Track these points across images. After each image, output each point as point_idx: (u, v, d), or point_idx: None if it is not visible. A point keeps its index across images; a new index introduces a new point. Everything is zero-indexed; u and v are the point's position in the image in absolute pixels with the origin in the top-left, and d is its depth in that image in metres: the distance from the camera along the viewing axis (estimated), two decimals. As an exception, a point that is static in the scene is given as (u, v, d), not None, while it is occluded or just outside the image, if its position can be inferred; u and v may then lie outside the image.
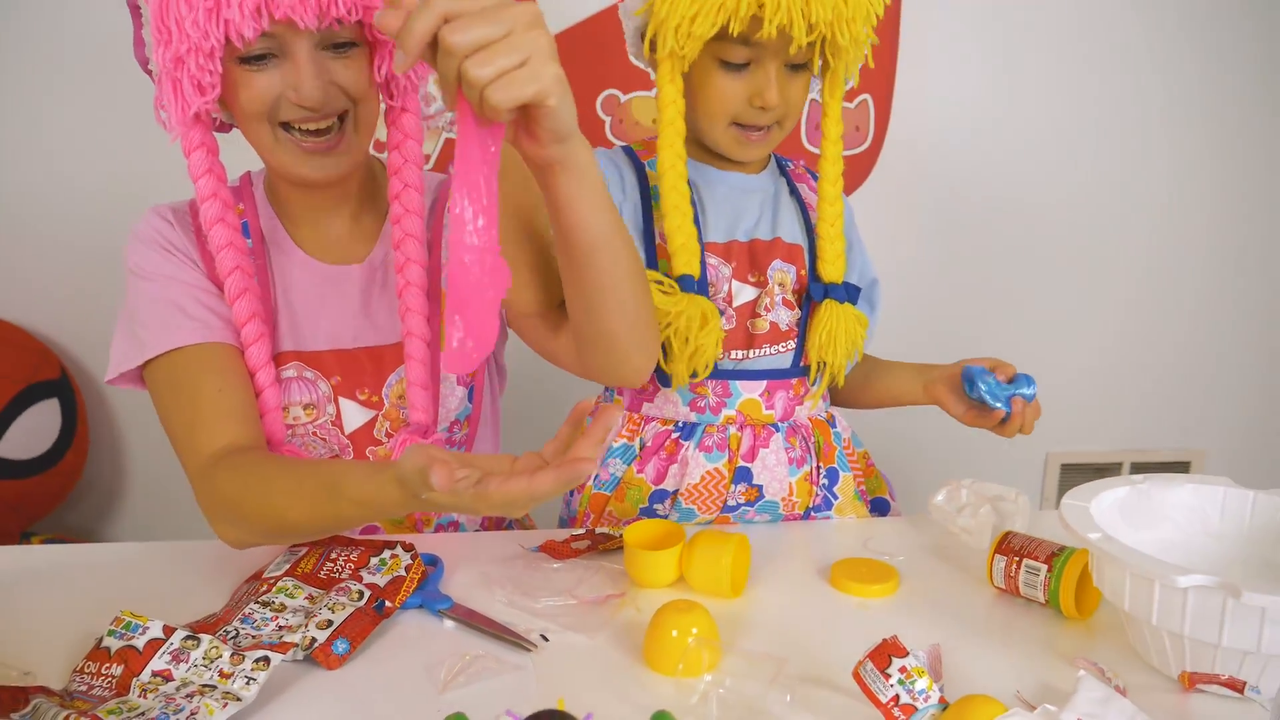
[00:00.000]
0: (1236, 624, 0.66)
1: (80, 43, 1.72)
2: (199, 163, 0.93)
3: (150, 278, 0.98)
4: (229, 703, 0.69)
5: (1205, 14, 1.88)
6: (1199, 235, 2.00)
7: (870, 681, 0.67)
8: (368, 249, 1.06)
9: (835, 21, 0.97)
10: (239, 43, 0.85)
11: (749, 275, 1.11)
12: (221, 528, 0.91)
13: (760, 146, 1.08)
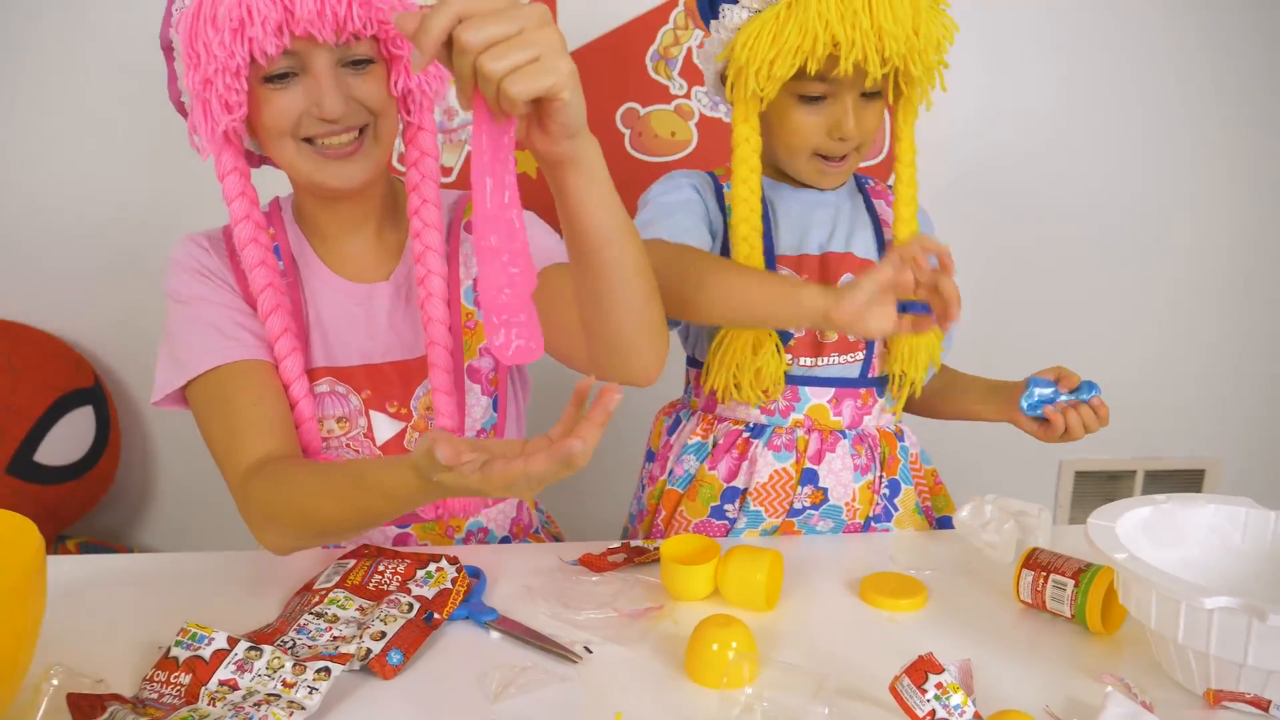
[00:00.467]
0: (1261, 644, 0.69)
1: (119, 59, 1.75)
2: (233, 186, 0.98)
3: (187, 302, 1.03)
4: (294, 712, 0.73)
5: (1245, 26, 1.90)
6: (1217, 245, 2.01)
7: (907, 697, 0.70)
8: (392, 267, 1.10)
9: (908, 54, 1.00)
10: (263, 60, 0.90)
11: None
12: (262, 534, 0.95)
13: (840, 174, 1.14)
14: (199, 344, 1.00)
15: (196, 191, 1.72)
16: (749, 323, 1.07)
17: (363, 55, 0.95)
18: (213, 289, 1.03)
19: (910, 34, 0.99)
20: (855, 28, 0.97)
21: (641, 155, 1.84)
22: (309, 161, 0.97)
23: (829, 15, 0.97)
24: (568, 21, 1.75)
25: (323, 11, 0.88)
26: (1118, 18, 1.88)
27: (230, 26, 0.87)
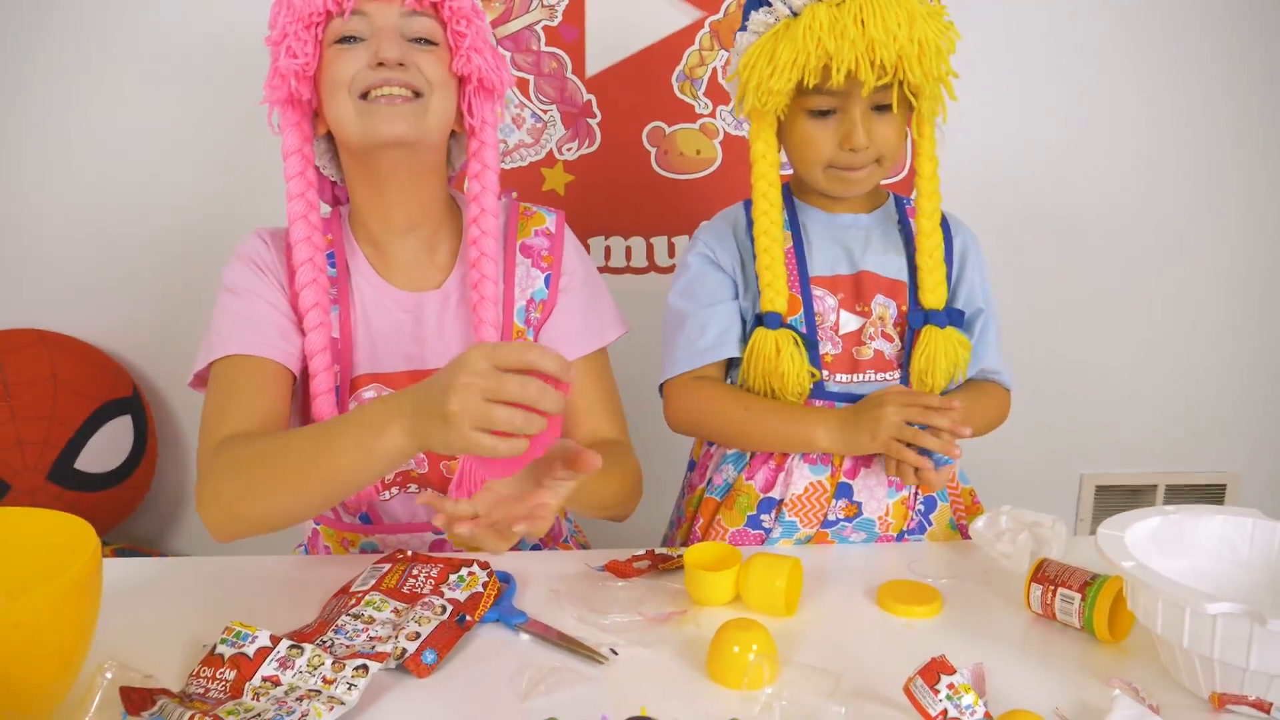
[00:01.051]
0: (1264, 649, 0.71)
1: (164, 78, 1.81)
2: (292, 169, 1.07)
3: (237, 292, 1.08)
4: (334, 706, 0.76)
5: (1247, 37, 1.91)
6: (1241, 260, 2.01)
7: (920, 696, 0.73)
8: (443, 277, 1.14)
9: (903, 61, 1.03)
10: (335, 9, 0.99)
11: (855, 305, 1.19)
12: (208, 500, 0.96)
13: (861, 183, 1.15)
14: (229, 331, 1.06)
15: (233, 212, 1.80)
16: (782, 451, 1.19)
17: (423, 34, 1.03)
18: (264, 285, 1.09)
19: (905, 42, 1.01)
20: (844, 38, 1.01)
21: (667, 173, 1.88)
22: (360, 112, 1.02)
23: (820, 30, 1.02)
24: (598, 43, 1.80)
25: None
26: (1136, 30, 1.89)
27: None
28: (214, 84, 1.82)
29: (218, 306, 1.09)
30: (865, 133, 1.09)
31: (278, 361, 1.06)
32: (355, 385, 1.11)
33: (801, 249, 1.19)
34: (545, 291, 1.16)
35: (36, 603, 0.68)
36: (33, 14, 1.77)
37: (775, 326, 1.14)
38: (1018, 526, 1.03)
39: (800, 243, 1.20)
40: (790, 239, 1.20)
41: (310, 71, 1.03)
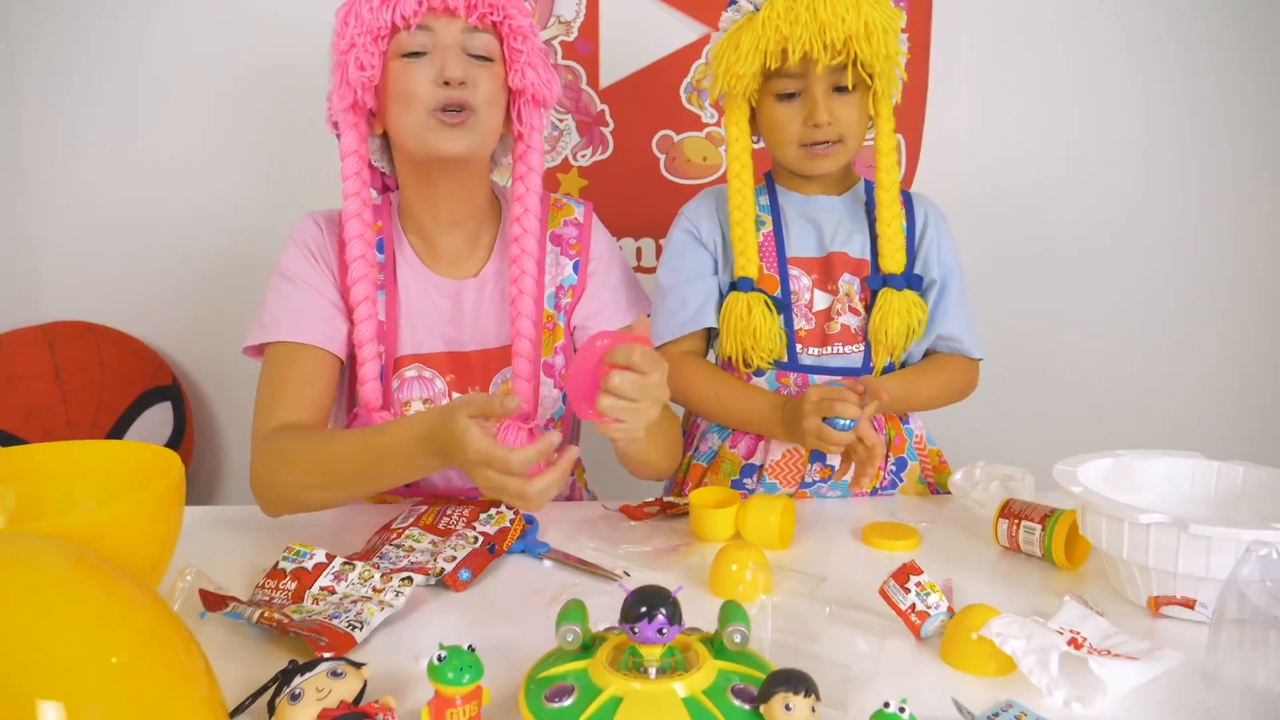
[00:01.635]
0: (1188, 554, 0.82)
1: (205, 86, 1.94)
2: (350, 168, 1.14)
3: (291, 280, 1.18)
4: (385, 608, 0.88)
5: (1234, 45, 1.98)
6: (1230, 263, 2.07)
7: (892, 594, 0.84)
8: (480, 265, 1.24)
9: (854, 39, 1.15)
10: (402, 24, 1.08)
11: (826, 285, 1.30)
12: (263, 485, 1.10)
13: (829, 160, 1.25)
14: (284, 319, 1.16)
15: (262, 221, 1.93)
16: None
17: (483, 50, 1.11)
18: (317, 274, 1.18)
19: (853, 24, 1.14)
20: (797, 23, 1.14)
21: (675, 178, 2.00)
22: (425, 126, 1.10)
23: (777, 18, 1.16)
24: (611, 57, 1.93)
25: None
26: (1128, 35, 1.98)
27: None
28: (245, 98, 1.95)
29: (272, 288, 1.19)
30: (827, 110, 1.20)
31: (326, 350, 1.16)
32: (398, 365, 1.21)
33: (780, 231, 1.31)
34: (574, 277, 1.27)
35: (133, 504, 0.81)
36: (81, 32, 1.91)
37: (748, 290, 1.25)
38: (990, 478, 1.15)
39: (779, 226, 1.31)
40: (770, 222, 1.32)
41: (375, 81, 1.11)
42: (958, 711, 0.72)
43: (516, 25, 1.12)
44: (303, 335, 1.15)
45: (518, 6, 1.13)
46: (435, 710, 0.67)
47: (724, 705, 0.65)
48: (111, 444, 0.94)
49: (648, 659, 0.68)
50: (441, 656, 0.67)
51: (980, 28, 1.95)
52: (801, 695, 0.63)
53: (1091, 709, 0.74)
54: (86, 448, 0.94)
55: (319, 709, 0.68)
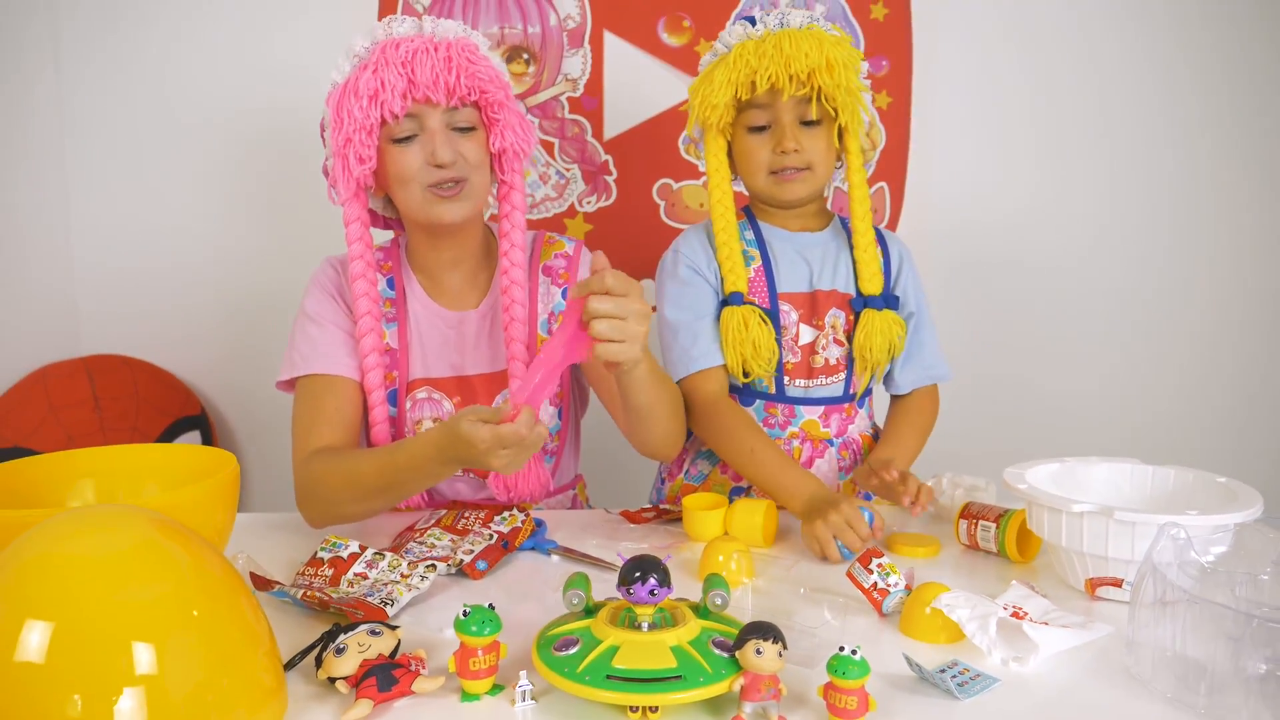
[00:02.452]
0: (1115, 539, 0.94)
1: (232, 126, 2.09)
2: (354, 233, 1.28)
3: (314, 319, 1.32)
4: (412, 590, 1.00)
5: (1213, 88, 2.09)
6: (1233, 301, 2.17)
7: (857, 575, 0.96)
8: (480, 298, 1.38)
9: (817, 72, 1.28)
10: (390, 119, 1.21)
11: (812, 319, 1.40)
12: (306, 499, 1.22)
13: (796, 186, 1.36)
14: (312, 354, 1.30)
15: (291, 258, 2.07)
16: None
17: (466, 123, 1.26)
18: (337, 312, 1.32)
19: (816, 58, 1.27)
20: (765, 57, 1.28)
21: (674, 223, 2.14)
22: (425, 201, 1.26)
23: (747, 54, 1.30)
24: (614, 111, 2.08)
25: (436, 80, 1.20)
26: (1101, 75, 2.09)
27: (368, 94, 1.19)
28: (270, 146, 2.10)
29: (298, 328, 1.33)
30: (794, 139, 1.32)
31: (351, 378, 1.30)
32: (411, 388, 1.34)
33: (769, 266, 1.40)
34: (563, 304, 1.40)
35: (196, 492, 0.93)
36: (121, 83, 2.07)
37: (739, 303, 1.35)
38: (955, 486, 1.27)
39: (768, 261, 1.41)
40: (759, 257, 1.41)
41: (374, 169, 1.24)
42: (910, 668, 0.84)
43: (492, 98, 1.26)
44: (329, 367, 1.29)
45: (493, 80, 1.25)
46: (460, 659, 0.79)
47: (706, 653, 0.77)
48: (176, 446, 1.07)
49: (641, 616, 0.80)
50: (466, 612, 0.79)
51: (957, 80, 2.09)
52: (770, 642, 0.74)
53: (1026, 667, 0.85)
54: (154, 449, 1.07)
55: (360, 660, 0.80)
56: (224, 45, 2.05)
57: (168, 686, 0.67)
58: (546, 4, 2.03)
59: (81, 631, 0.66)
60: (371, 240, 1.32)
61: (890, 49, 2.06)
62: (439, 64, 1.20)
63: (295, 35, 2.04)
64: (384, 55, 1.20)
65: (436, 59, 1.20)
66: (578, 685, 0.74)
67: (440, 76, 1.20)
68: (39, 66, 2.03)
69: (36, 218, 2.05)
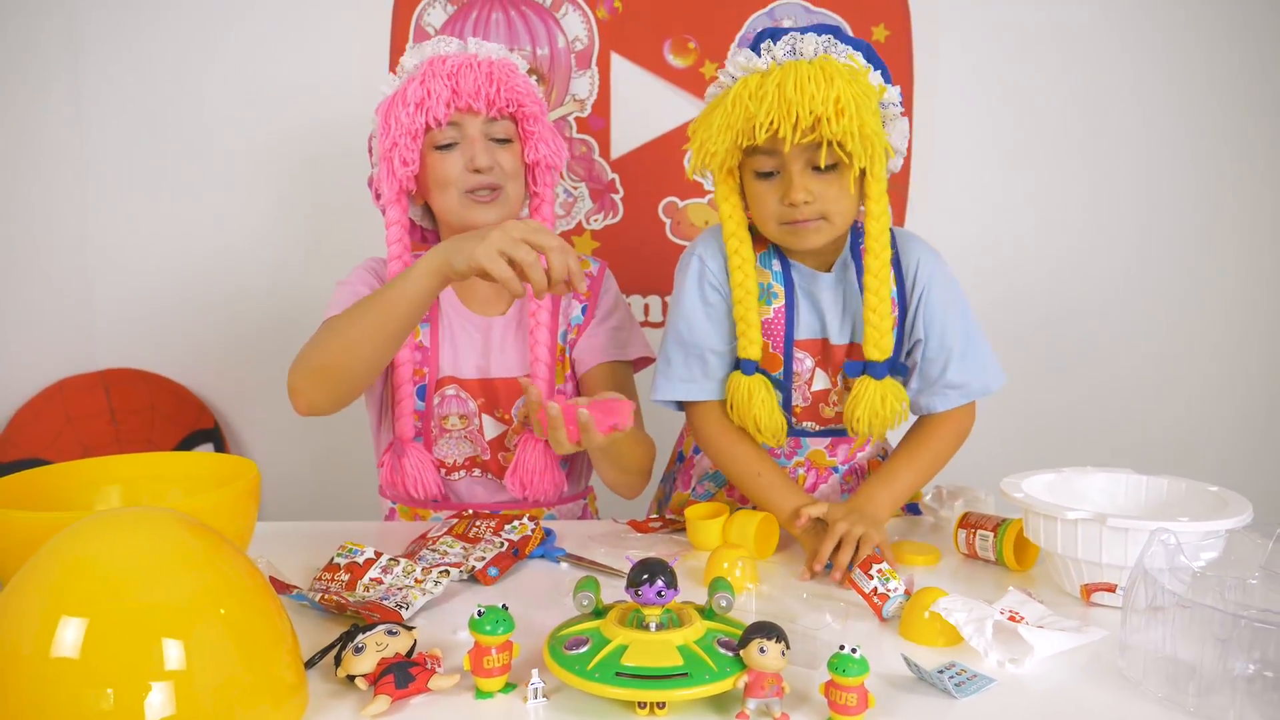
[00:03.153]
0: (1109, 545, 0.97)
1: (246, 148, 2.14)
2: (393, 235, 1.35)
3: (350, 284, 1.39)
4: (426, 594, 1.03)
5: (1216, 102, 2.11)
6: (1222, 323, 2.18)
7: (858, 580, 0.99)
8: (507, 305, 1.44)
9: (825, 118, 1.11)
10: (434, 125, 1.29)
11: (826, 367, 1.31)
12: (293, 374, 1.24)
13: (811, 236, 1.21)
14: (346, 302, 1.31)
15: (302, 276, 2.13)
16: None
17: (503, 134, 1.34)
18: (373, 289, 1.37)
19: (820, 102, 1.10)
20: (763, 101, 1.12)
21: (679, 240, 2.18)
22: (462, 205, 1.33)
23: (745, 95, 1.14)
24: (621, 131, 2.13)
25: (478, 91, 1.29)
26: (1099, 100, 2.12)
27: (414, 102, 1.28)
28: (284, 168, 2.15)
29: (336, 294, 1.38)
30: (803, 189, 1.17)
31: None
32: (440, 384, 1.40)
33: (791, 311, 1.29)
34: (581, 318, 1.46)
35: (218, 497, 0.96)
36: (141, 103, 2.12)
37: (750, 373, 1.25)
38: (954, 496, 1.30)
39: (791, 304, 1.29)
40: (783, 295, 1.30)
41: (416, 173, 1.33)
42: (908, 668, 0.86)
43: (529, 111, 1.35)
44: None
45: (529, 95, 1.34)
46: (474, 658, 0.82)
47: (711, 652, 0.80)
48: (197, 454, 1.11)
49: (649, 617, 0.83)
50: (481, 612, 0.82)
51: (958, 99, 2.12)
52: (773, 641, 0.77)
53: (1022, 669, 0.88)
54: (177, 457, 1.11)
55: (378, 658, 0.83)
56: (240, 64, 2.11)
57: (196, 681, 0.69)
58: (555, 27, 2.08)
59: (114, 628, 0.69)
60: (409, 244, 1.38)
61: (892, 69, 2.09)
62: (481, 77, 1.29)
63: (311, 54, 2.09)
64: (431, 68, 1.30)
65: (479, 73, 1.29)
66: (588, 682, 0.77)
67: (482, 88, 1.29)
68: (58, 82, 2.08)
69: (55, 236, 2.10)
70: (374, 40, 2.07)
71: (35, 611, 0.70)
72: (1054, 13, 2.09)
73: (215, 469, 1.09)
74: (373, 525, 1.38)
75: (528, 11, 2.08)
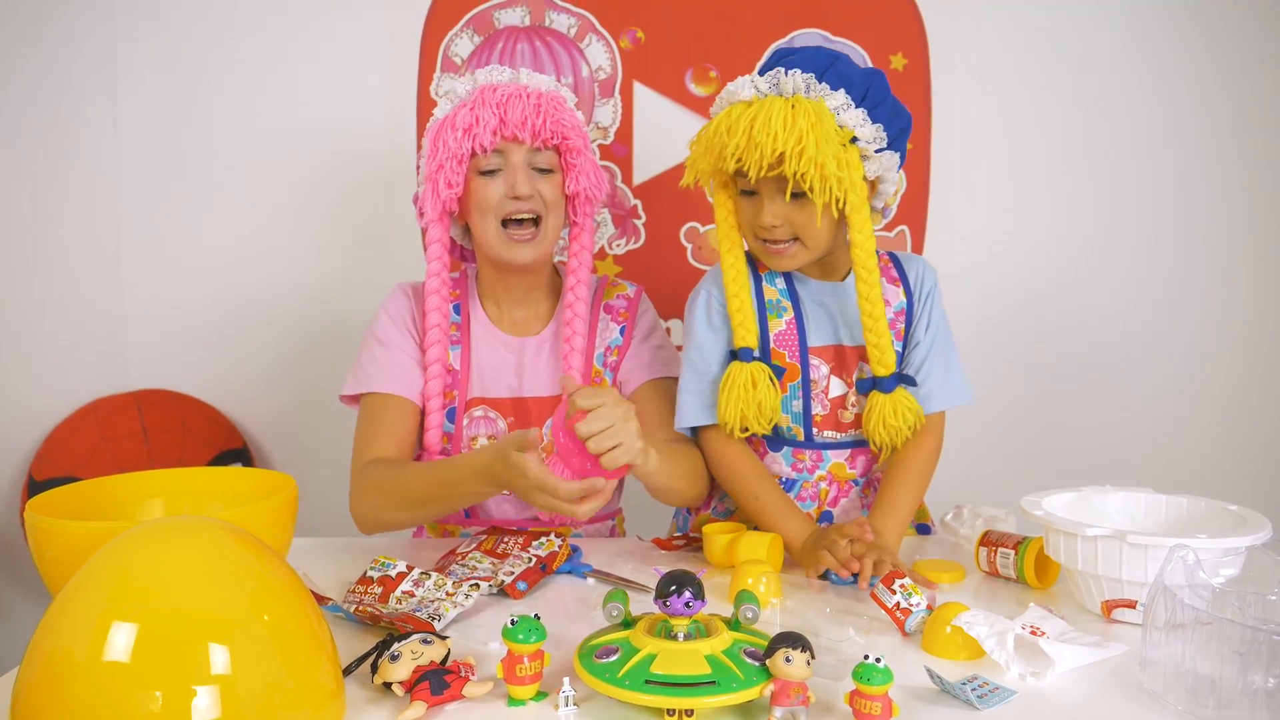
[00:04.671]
0: (1129, 562, 0.98)
1: (279, 171, 2.19)
2: (434, 253, 1.39)
3: (383, 343, 1.43)
4: (457, 606, 1.05)
5: (1225, 133, 2.13)
6: (1239, 341, 2.18)
7: (881, 596, 1.01)
8: (541, 327, 1.47)
9: (787, 156, 1.18)
10: (480, 151, 1.33)
11: (842, 373, 1.37)
12: (359, 503, 1.33)
13: (784, 259, 1.31)
14: (376, 374, 1.41)
15: (332, 302, 2.17)
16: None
17: (546, 165, 1.37)
18: (403, 338, 1.43)
19: (784, 141, 1.18)
20: (732, 134, 1.21)
21: (700, 265, 2.21)
22: (501, 240, 1.37)
23: (722, 129, 1.23)
24: (644, 159, 2.16)
25: (524, 122, 1.33)
26: (1117, 119, 2.14)
27: (463, 127, 1.32)
28: (317, 191, 2.20)
29: (366, 349, 1.44)
30: (770, 214, 1.26)
31: (409, 399, 1.41)
32: (469, 406, 1.43)
33: (801, 320, 1.36)
34: (620, 340, 1.49)
35: (258, 510, 0.99)
36: (174, 123, 2.17)
37: (749, 360, 1.31)
38: (975, 517, 1.31)
39: (800, 314, 1.37)
40: (791, 310, 1.37)
41: (460, 195, 1.37)
42: (931, 680, 0.88)
43: (573, 144, 1.38)
44: (391, 387, 1.40)
45: (574, 128, 1.37)
46: (507, 666, 0.84)
47: (738, 661, 0.82)
48: (236, 469, 1.14)
49: (677, 627, 0.85)
50: (514, 621, 0.84)
51: (976, 124, 2.14)
52: (799, 650, 0.79)
53: (1043, 682, 0.89)
54: (217, 472, 1.14)
55: (414, 665, 0.85)
56: (272, 87, 2.15)
57: (240, 686, 0.72)
58: (579, 56, 2.12)
59: (163, 633, 0.72)
60: (449, 262, 1.43)
61: (909, 98, 2.13)
62: (529, 108, 1.33)
63: (342, 82, 2.14)
64: (481, 95, 1.33)
65: (527, 104, 1.33)
66: (618, 689, 0.79)
67: (529, 118, 1.33)
68: (95, 107, 2.13)
69: (91, 261, 2.15)
70: (402, 70, 2.12)
71: (88, 617, 0.73)
72: (1070, 41, 2.12)
73: (252, 483, 1.12)
74: (402, 541, 1.40)
75: (552, 41, 2.12)
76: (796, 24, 2.11)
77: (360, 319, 1.56)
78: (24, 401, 2.03)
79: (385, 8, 2.12)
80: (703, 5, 2.11)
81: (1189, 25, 2.12)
